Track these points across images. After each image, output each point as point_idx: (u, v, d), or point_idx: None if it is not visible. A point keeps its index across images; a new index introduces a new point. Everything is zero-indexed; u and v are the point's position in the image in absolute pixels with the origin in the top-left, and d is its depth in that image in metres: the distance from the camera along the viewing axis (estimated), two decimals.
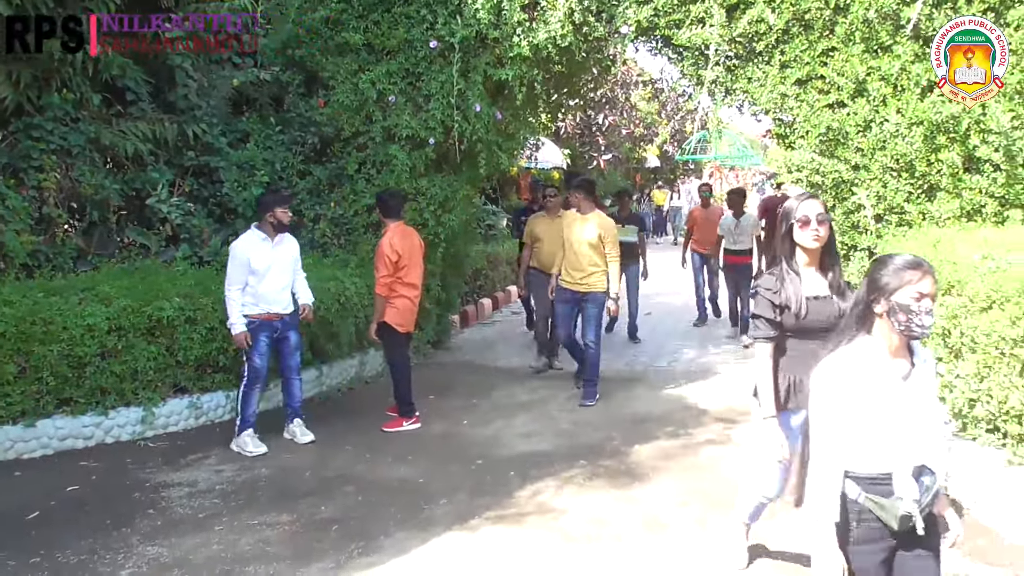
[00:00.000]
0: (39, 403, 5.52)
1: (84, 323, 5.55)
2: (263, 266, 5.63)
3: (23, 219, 6.39)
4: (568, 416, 6.52)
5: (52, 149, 6.79)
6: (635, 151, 24.26)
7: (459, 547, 4.24)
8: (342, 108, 7.65)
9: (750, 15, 6.40)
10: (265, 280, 5.65)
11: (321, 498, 4.89)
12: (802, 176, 6.48)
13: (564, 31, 6.88)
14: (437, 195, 7.69)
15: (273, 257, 5.71)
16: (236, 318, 5.56)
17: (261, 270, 5.62)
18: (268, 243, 5.70)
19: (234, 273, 5.56)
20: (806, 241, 3.31)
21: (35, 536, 4.34)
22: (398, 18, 7.43)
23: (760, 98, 6.53)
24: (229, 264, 5.61)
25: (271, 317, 5.72)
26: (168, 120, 7.74)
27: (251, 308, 5.63)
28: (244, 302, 5.60)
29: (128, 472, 5.32)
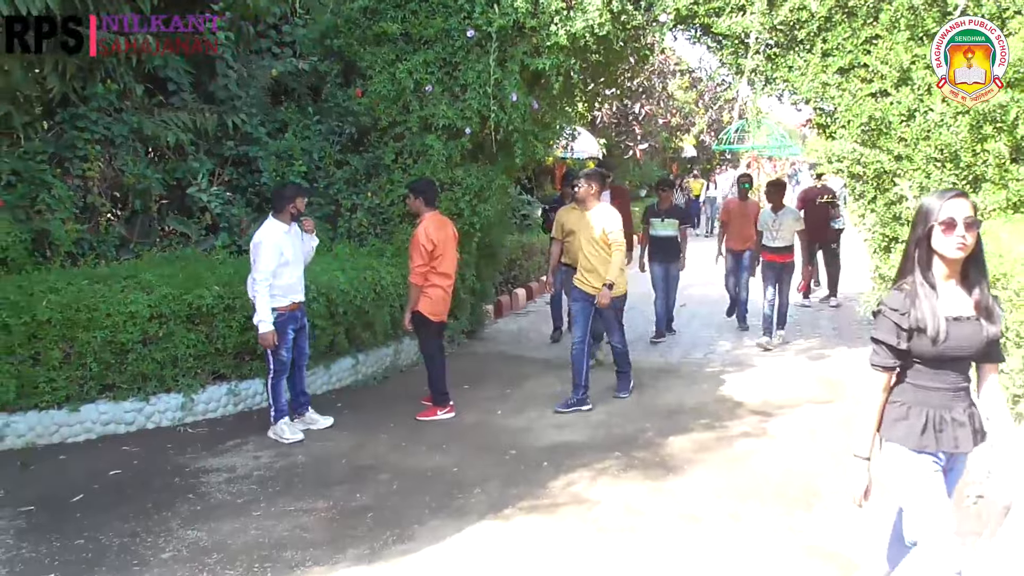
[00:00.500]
0: (83, 388, 5.65)
1: (127, 310, 5.66)
2: (292, 256, 5.70)
3: (68, 208, 6.54)
4: (602, 407, 6.50)
5: (96, 139, 6.92)
6: (672, 140, 24.06)
7: (493, 536, 4.26)
8: (379, 98, 7.68)
9: (792, 2, 6.29)
10: (291, 268, 5.70)
11: (356, 485, 4.94)
12: (843, 167, 6.38)
13: (602, 20, 6.83)
14: (473, 185, 7.70)
15: (295, 246, 5.79)
16: (267, 315, 5.51)
17: (291, 259, 5.68)
18: (291, 232, 5.77)
19: (267, 264, 5.51)
20: (948, 250, 2.72)
21: (79, 518, 4.45)
22: (435, 7, 7.43)
23: (801, 87, 6.43)
24: (260, 256, 5.53)
25: (295, 307, 5.77)
26: (208, 110, 7.83)
27: (279, 300, 5.63)
28: (271, 294, 5.56)
29: (168, 457, 5.42)
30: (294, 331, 5.80)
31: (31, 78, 6.81)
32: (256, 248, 5.59)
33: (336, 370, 7.06)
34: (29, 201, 6.41)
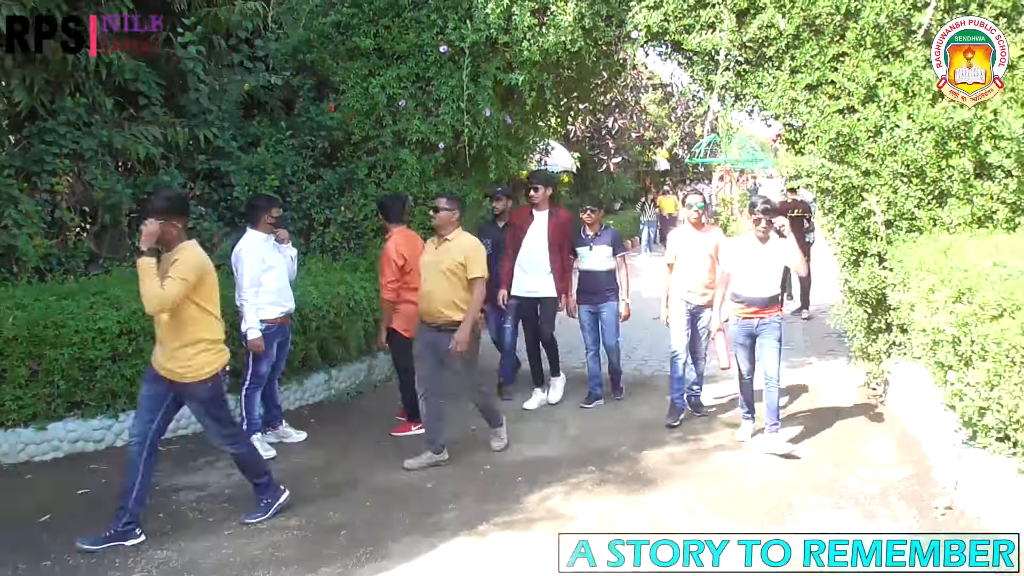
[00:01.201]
0: (50, 406, 5.57)
1: (95, 327, 5.58)
2: (275, 262, 5.73)
3: (36, 223, 6.44)
4: (576, 421, 6.52)
5: (65, 153, 6.83)
6: (645, 154, 24.25)
7: (467, 553, 4.25)
8: (352, 112, 7.68)
9: (760, 20, 6.38)
10: (275, 275, 5.72)
11: (330, 502, 4.91)
12: (812, 182, 6.47)
13: (574, 36, 6.90)
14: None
15: (277, 256, 5.81)
16: (254, 323, 5.53)
17: (276, 265, 5.72)
18: (270, 243, 5.77)
19: (250, 274, 5.53)
20: None
21: (46, 538, 4.38)
22: (408, 23, 7.46)
23: (770, 103, 6.51)
24: (242, 267, 5.55)
25: (285, 320, 5.80)
26: (180, 124, 7.77)
27: (269, 311, 5.63)
28: (261, 304, 5.59)
29: None
30: (277, 345, 5.78)
31: None
32: (236, 259, 5.61)
33: (309, 385, 7.00)
34: None
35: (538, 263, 6.80)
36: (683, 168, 28.24)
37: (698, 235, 6.34)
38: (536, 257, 6.80)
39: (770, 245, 5.70)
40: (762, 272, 5.71)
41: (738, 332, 5.82)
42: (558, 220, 6.86)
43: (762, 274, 5.71)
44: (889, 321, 6.34)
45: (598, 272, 6.82)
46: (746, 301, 5.74)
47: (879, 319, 6.45)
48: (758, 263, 5.70)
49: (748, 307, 5.73)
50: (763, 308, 5.71)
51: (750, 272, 5.71)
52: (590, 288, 6.88)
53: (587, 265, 6.86)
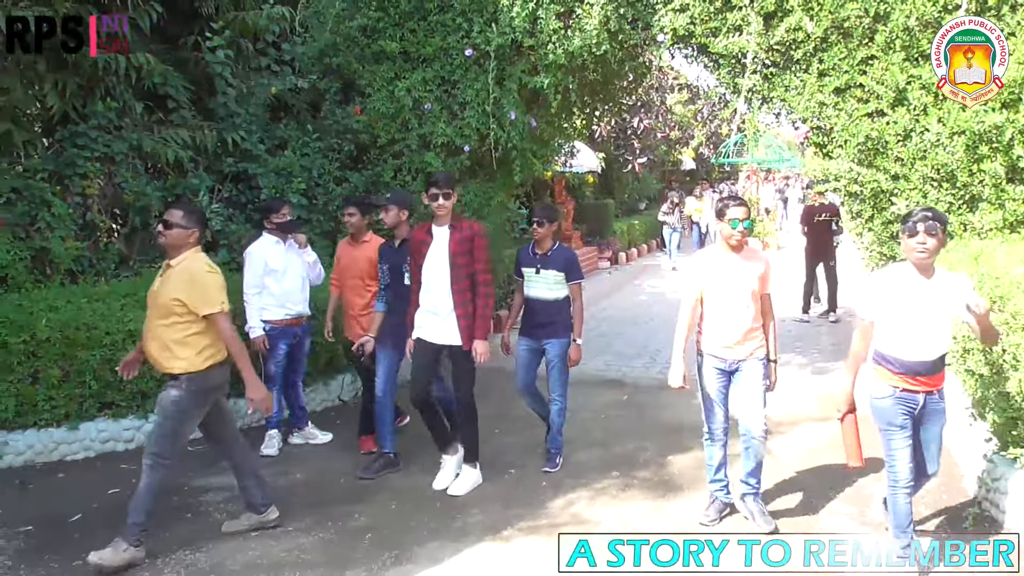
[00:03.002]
0: (82, 406, 5.67)
1: (126, 328, 5.68)
2: (280, 266, 5.76)
3: (68, 226, 6.55)
4: (601, 425, 6.51)
5: (96, 156, 6.94)
6: (670, 154, 24.13)
7: (492, 558, 4.26)
8: (378, 115, 7.73)
9: (788, 23, 6.34)
10: (286, 279, 5.77)
11: (355, 505, 4.94)
12: (840, 185, 6.41)
13: (599, 39, 6.89)
14: (472, 202, 7.73)
15: (288, 258, 5.84)
16: (254, 322, 5.70)
17: (280, 269, 5.75)
18: (281, 245, 5.82)
19: (251, 276, 5.71)
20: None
21: (77, 538, 4.45)
22: (434, 26, 7.49)
23: (797, 107, 6.47)
24: (246, 269, 5.75)
25: (293, 322, 5.83)
26: (208, 127, 7.86)
27: (275, 312, 5.74)
28: (265, 305, 5.72)
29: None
30: (287, 346, 5.83)
31: (31, 96, 6.85)
32: (244, 260, 5.81)
33: (335, 386, 7.05)
34: (29, 219, 6.42)
35: (439, 298, 4.93)
36: (709, 168, 28.07)
37: (737, 261, 4.44)
38: (436, 290, 4.93)
39: (937, 280, 3.80)
40: (930, 322, 3.79)
41: (891, 411, 3.92)
42: (462, 235, 4.91)
43: (930, 325, 3.79)
44: None
45: (545, 301, 5.43)
46: (906, 368, 3.84)
47: None
48: (924, 308, 3.77)
49: (908, 376, 3.86)
50: (931, 376, 3.86)
51: (913, 322, 3.78)
52: (534, 320, 5.49)
53: (532, 291, 5.46)
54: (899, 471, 3.89)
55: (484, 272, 4.95)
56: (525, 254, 5.55)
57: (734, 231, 4.36)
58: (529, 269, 5.48)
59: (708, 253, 4.63)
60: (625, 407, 7.04)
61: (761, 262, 4.54)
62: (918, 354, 3.80)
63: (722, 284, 4.43)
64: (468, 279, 4.91)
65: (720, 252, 4.51)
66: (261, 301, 5.71)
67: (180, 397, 4.14)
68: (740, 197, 4.43)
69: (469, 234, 4.91)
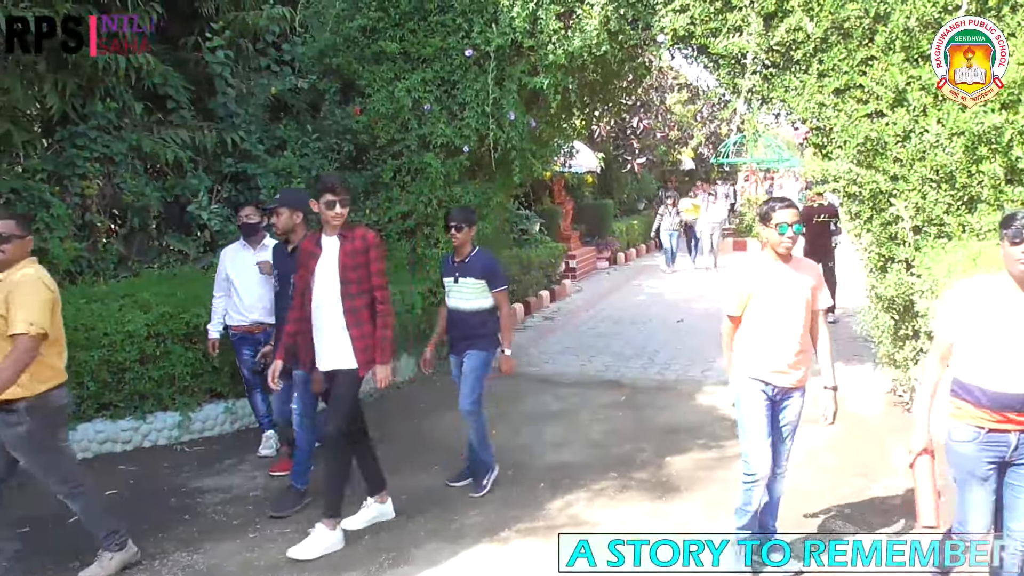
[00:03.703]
0: (80, 407, 5.66)
1: (124, 329, 5.67)
2: (235, 273, 5.66)
3: (66, 226, 6.56)
4: (599, 426, 6.51)
5: (95, 157, 6.95)
6: (670, 154, 24.10)
7: (489, 559, 4.26)
8: (378, 116, 7.72)
9: (788, 24, 6.32)
10: (240, 288, 5.66)
11: (352, 507, 4.92)
12: (839, 186, 6.40)
13: (599, 39, 6.88)
14: (471, 202, 7.72)
15: (247, 265, 5.65)
16: (212, 324, 5.76)
17: (234, 277, 5.66)
18: (249, 251, 5.71)
19: (215, 280, 5.76)
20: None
21: (74, 540, 4.43)
22: (434, 27, 7.49)
23: (797, 107, 6.46)
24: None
25: (252, 329, 5.68)
26: (207, 127, 7.87)
27: (234, 318, 5.71)
28: (227, 310, 5.73)
29: (164, 477, 5.42)
30: (252, 352, 5.71)
31: (31, 96, 6.85)
32: None
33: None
34: None
35: (330, 317, 4.34)
36: (708, 167, 28.04)
37: (788, 272, 3.90)
38: (326, 308, 4.34)
39: None
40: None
41: (974, 458, 3.19)
42: (354, 246, 4.31)
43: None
44: (916, 328, 6.26)
45: (465, 312, 5.01)
46: (995, 402, 3.11)
47: (906, 326, 6.38)
48: (1022, 329, 3.08)
49: (997, 411, 3.12)
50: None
51: (1006, 345, 3.08)
52: (455, 333, 5.11)
53: (451, 302, 5.07)
54: (972, 532, 3.20)
55: (382, 288, 4.37)
56: (445, 262, 5.18)
57: (783, 237, 3.80)
58: (448, 279, 5.07)
59: (754, 262, 4.06)
60: (623, 408, 7.03)
61: (813, 273, 4.01)
62: (1011, 385, 3.05)
63: (772, 298, 3.87)
64: (365, 296, 4.32)
65: (767, 261, 3.92)
66: (226, 304, 5.73)
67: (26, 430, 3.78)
68: (787, 198, 3.95)
69: (362, 245, 4.30)
